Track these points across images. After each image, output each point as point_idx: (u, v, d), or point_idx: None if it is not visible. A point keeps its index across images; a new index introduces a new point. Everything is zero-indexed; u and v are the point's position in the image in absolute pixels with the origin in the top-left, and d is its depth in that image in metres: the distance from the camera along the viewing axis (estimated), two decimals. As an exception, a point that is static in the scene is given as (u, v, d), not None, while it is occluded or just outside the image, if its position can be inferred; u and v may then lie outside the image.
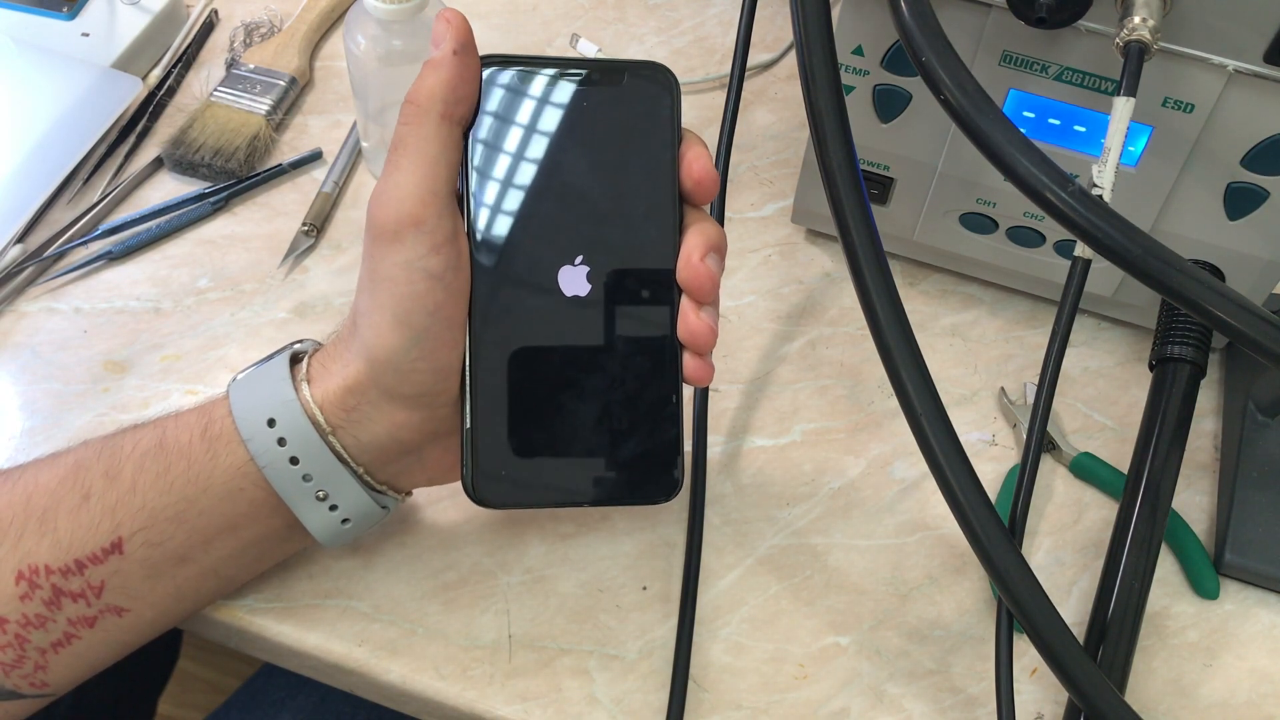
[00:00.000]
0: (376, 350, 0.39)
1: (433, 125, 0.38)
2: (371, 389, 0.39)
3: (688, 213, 0.41)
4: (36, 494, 0.39)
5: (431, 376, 0.39)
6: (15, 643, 0.39)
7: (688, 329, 0.40)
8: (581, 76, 0.40)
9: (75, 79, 0.62)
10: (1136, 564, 0.46)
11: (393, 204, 0.38)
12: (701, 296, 0.40)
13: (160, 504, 0.39)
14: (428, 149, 0.38)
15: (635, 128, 0.40)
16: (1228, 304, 0.35)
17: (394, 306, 0.38)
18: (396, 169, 0.38)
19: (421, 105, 0.38)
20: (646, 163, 0.40)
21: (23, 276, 0.56)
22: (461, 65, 0.38)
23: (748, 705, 0.45)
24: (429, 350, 0.38)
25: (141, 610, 0.41)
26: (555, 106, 0.40)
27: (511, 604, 0.47)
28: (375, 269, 0.38)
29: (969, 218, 0.55)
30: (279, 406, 0.39)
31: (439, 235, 0.38)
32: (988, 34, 0.48)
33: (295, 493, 0.40)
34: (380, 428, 0.40)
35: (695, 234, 0.40)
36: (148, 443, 0.40)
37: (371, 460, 0.41)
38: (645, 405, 0.40)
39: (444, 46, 0.38)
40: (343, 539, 0.42)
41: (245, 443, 0.39)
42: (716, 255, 0.40)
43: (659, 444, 0.41)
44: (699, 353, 0.41)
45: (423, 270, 0.38)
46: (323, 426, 0.39)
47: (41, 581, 0.38)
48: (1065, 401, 0.56)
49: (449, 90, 0.38)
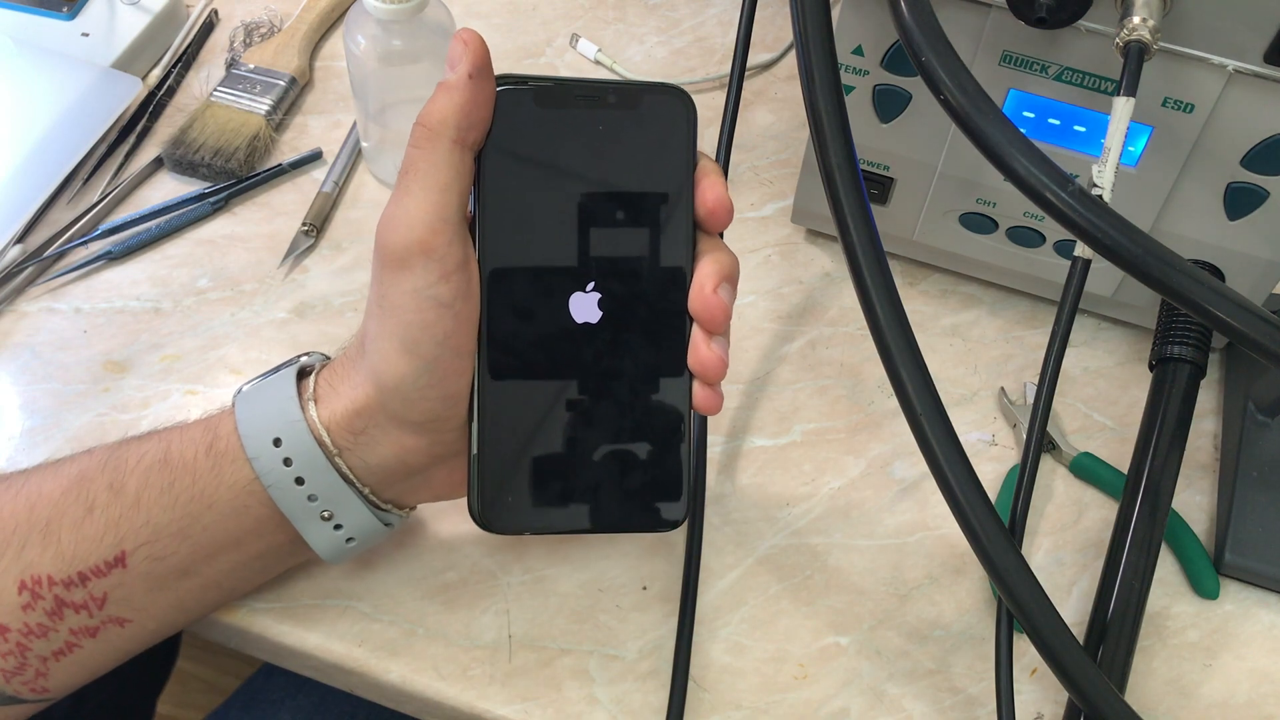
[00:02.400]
0: (384, 377, 0.38)
1: (444, 150, 0.37)
2: (379, 413, 0.39)
3: (701, 240, 0.40)
4: (40, 504, 0.39)
5: (440, 404, 0.38)
6: (17, 651, 0.39)
7: (698, 360, 0.39)
8: (597, 99, 0.39)
9: (75, 79, 0.62)
10: (1136, 564, 0.46)
11: (402, 230, 0.37)
12: (713, 327, 0.39)
13: (164, 519, 0.39)
14: (439, 175, 0.37)
15: (650, 153, 0.39)
16: (1228, 304, 0.35)
17: (402, 334, 0.37)
18: (406, 194, 0.37)
19: (433, 129, 0.37)
20: (661, 189, 0.39)
21: (23, 276, 0.56)
22: (476, 90, 0.37)
23: (748, 705, 0.45)
24: (438, 379, 0.38)
25: (143, 621, 0.41)
26: (570, 129, 0.39)
27: (511, 604, 0.47)
28: (384, 295, 0.38)
29: (969, 218, 0.55)
30: (285, 426, 0.39)
31: (449, 263, 0.37)
32: (988, 34, 0.48)
33: (300, 512, 0.40)
34: (387, 451, 0.40)
35: (709, 263, 0.39)
36: (152, 456, 0.40)
37: (377, 481, 0.41)
38: (653, 434, 0.40)
39: (460, 69, 0.36)
40: (346, 556, 0.42)
41: (250, 461, 0.39)
42: (729, 285, 0.39)
43: (666, 473, 0.40)
44: (709, 383, 0.40)
45: (432, 299, 0.37)
46: (329, 448, 0.39)
47: (44, 592, 0.38)
48: (1065, 401, 0.56)
49: (462, 115, 0.37)
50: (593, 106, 0.39)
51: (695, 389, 0.40)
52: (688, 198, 0.39)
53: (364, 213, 0.60)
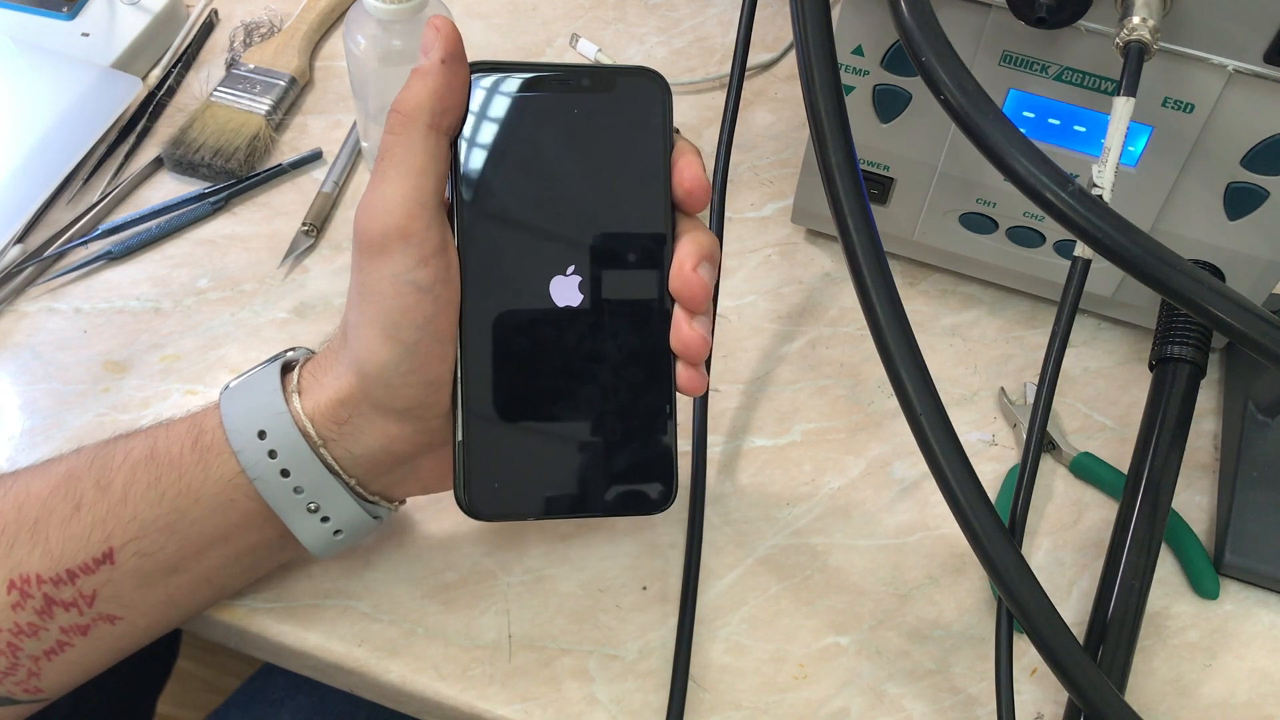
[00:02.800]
0: (367, 364, 0.38)
1: (419, 135, 0.37)
2: (363, 402, 0.39)
3: (680, 221, 0.40)
4: (28, 503, 0.39)
5: (422, 390, 0.39)
6: (8, 650, 0.39)
7: (680, 339, 0.39)
8: (571, 83, 0.39)
9: (75, 79, 0.62)
10: (1136, 564, 0.46)
11: (379, 216, 0.37)
12: (694, 306, 0.39)
13: (151, 515, 0.39)
14: (414, 159, 0.37)
15: (626, 135, 0.40)
16: (1228, 304, 0.35)
17: (383, 320, 0.37)
18: (383, 180, 0.37)
19: (408, 115, 0.37)
20: (638, 171, 0.40)
21: (23, 276, 0.56)
22: (449, 74, 0.37)
23: (748, 705, 0.45)
24: (420, 364, 0.38)
25: (134, 618, 0.41)
26: (545, 114, 0.39)
27: (511, 604, 0.47)
28: (363, 282, 0.38)
29: (969, 218, 0.55)
30: (270, 418, 0.39)
31: (427, 247, 0.37)
32: (988, 34, 0.48)
33: (286, 504, 0.40)
34: (372, 440, 0.40)
35: (688, 243, 0.39)
36: (139, 453, 0.40)
37: (364, 472, 0.41)
38: (638, 416, 0.40)
39: (432, 55, 0.37)
40: (335, 549, 0.42)
41: (236, 454, 0.39)
42: (709, 264, 0.40)
43: (652, 455, 0.40)
44: (692, 363, 0.40)
45: (411, 283, 0.37)
46: (314, 439, 0.39)
47: (33, 591, 0.38)
48: (1065, 401, 0.56)
49: (436, 100, 0.37)
50: (568, 91, 0.39)
51: (679, 369, 0.40)
52: (665, 179, 0.40)
53: (364, 213, 0.60)
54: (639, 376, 0.40)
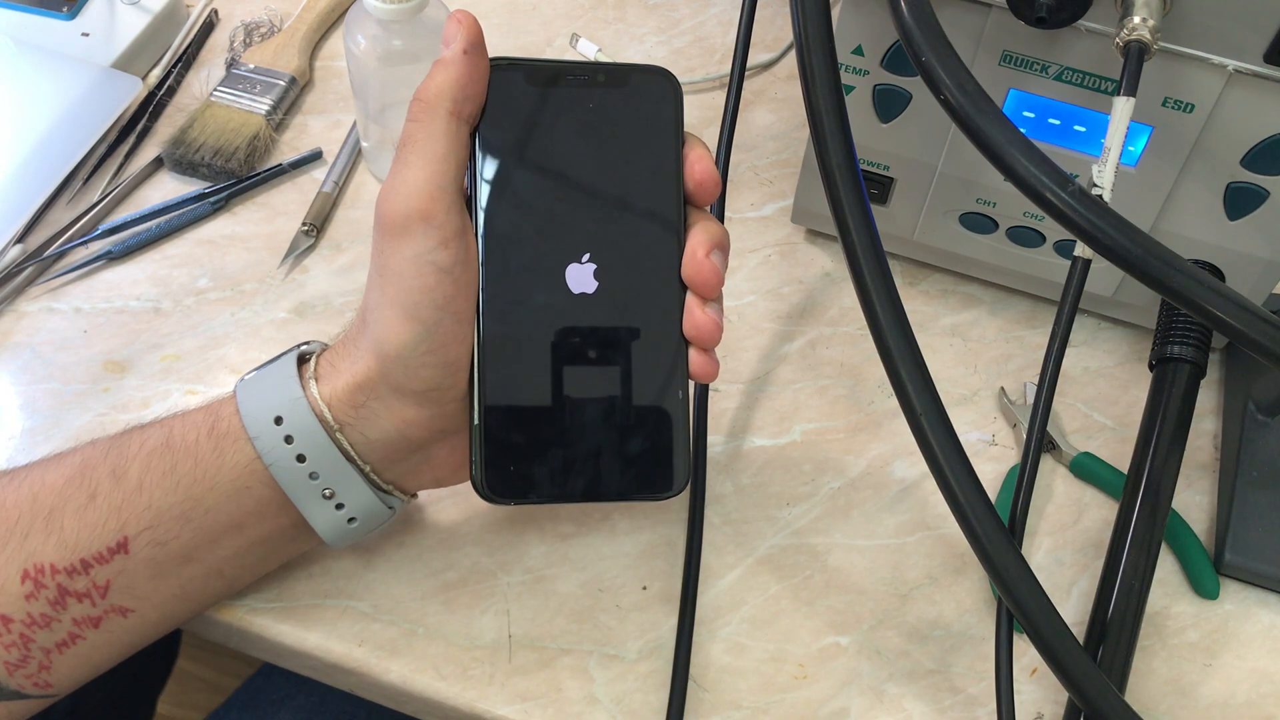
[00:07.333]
0: (386, 345, 0.39)
1: (441, 122, 0.38)
2: (380, 385, 0.39)
3: (690, 213, 0.41)
4: (43, 493, 0.39)
5: (440, 371, 0.39)
6: (20, 642, 0.39)
7: (693, 324, 0.41)
8: (587, 79, 0.41)
9: (75, 79, 0.62)
10: (1136, 564, 0.46)
11: (401, 199, 0.38)
12: (706, 292, 0.41)
13: (166, 503, 0.39)
14: (436, 146, 0.38)
15: (640, 129, 0.41)
16: (1228, 304, 0.35)
17: (403, 300, 0.38)
18: (405, 165, 0.38)
19: (430, 102, 0.38)
20: (651, 164, 0.41)
21: (23, 276, 0.56)
22: (471, 64, 0.39)
23: (748, 705, 0.45)
24: (438, 344, 0.39)
25: (146, 611, 0.41)
26: (562, 108, 0.40)
27: (511, 604, 0.47)
28: (384, 264, 0.39)
29: (969, 218, 0.55)
30: (286, 404, 0.39)
31: (447, 230, 0.38)
32: (988, 34, 0.48)
33: (301, 491, 0.40)
34: (389, 425, 0.40)
35: (699, 232, 0.41)
36: (154, 442, 0.40)
37: (379, 459, 0.41)
38: (651, 401, 0.41)
39: (455, 45, 0.39)
40: (349, 539, 0.42)
41: (252, 440, 0.39)
42: (720, 252, 0.41)
43: (665, 440, 0.41)
44: (704, 348, 0.41)
45: (431, 264, 0.38)
46: (330, 424, 0.40)
47: (47, 581, 0.39)
48: (1065, 401, 0.56)
49: (458, 88, 0.38)
50: (584, 86, 0.41)
51: (692, 355, 0.41)
52: (677, 172, 0.41)
53: (364, 213, 0.60)
54: (652, 362, 0.41)
